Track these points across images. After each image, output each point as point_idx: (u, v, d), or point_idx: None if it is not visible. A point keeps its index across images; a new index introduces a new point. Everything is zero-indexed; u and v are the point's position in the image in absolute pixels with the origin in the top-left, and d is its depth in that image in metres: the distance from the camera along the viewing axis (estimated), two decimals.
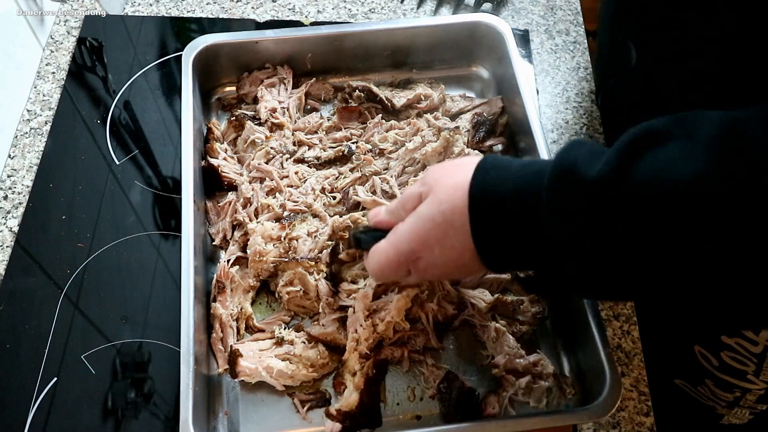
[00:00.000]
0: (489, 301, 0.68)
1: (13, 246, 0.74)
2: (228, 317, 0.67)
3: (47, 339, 0.68)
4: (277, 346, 0.66)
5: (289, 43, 0.82)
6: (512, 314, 0.68)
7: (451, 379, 0.64)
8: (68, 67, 0.88)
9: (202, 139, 0.78)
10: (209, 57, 0.80)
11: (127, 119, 0.84)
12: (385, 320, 0.64)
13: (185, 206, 0.68)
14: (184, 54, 0.78)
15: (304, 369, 0.64)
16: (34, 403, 0.65)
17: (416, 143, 0.75)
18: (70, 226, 0.75)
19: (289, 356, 0.65)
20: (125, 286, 0.72)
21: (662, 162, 0.42)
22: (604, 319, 0.71)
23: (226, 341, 0.66)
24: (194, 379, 0.59)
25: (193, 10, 0.94)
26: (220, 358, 0.66)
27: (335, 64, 0.86)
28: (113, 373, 0.67)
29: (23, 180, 0.79)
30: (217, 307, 0.67)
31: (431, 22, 0.84)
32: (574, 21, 0.96)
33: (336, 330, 0.66)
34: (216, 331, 0.67)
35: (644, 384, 0.68)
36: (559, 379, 0.66)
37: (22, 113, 0.84)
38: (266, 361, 0.64)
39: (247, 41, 0.81)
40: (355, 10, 0.95)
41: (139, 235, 0.75)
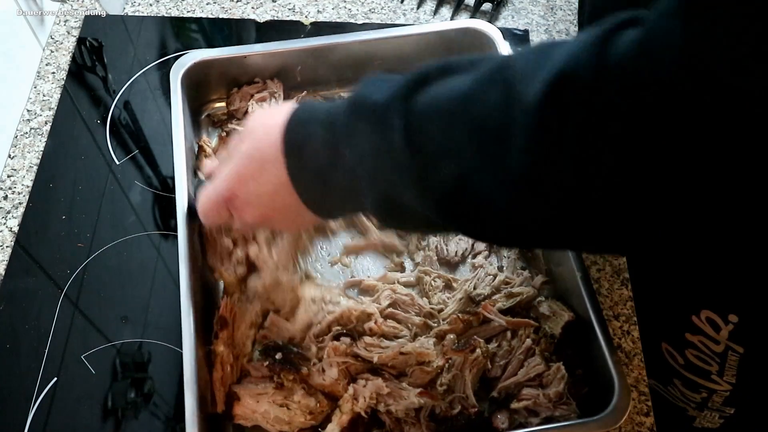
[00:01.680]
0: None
1: (13, 246, 0.74)
2: (229, 356, 0.64)
3: (47, 339, 0.68)
4: (276, 391, 0.63)
5: (277, 57, 0.81)
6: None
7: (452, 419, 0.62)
8: (68, 67, 0.88)
9: (193, 156, 0.77)
10: (198, 74, 0.79)
11: (127, 119, 0.84)
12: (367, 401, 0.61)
13: (180, 231, 0.66)
14: (172, 72, 0.77)
15: (301, 416, 0.62)
16: (34, 403, 0.65)
17: None
18: (70, 226, 0.75)
19: (287, 402, 0.62)
20: (125, 286, 0.72)
21: (440, 88, 0.44)
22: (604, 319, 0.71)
23: (225, 381, 0.63)
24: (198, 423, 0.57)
25: (193, 10, 0.94)
26: (219, 399, 0.63)
27: (325, 76, 0.84)
28: (113, 373, 0.67)
29: (23, 180, 0.79)
30: (219, 345, 0.64)
31: (421, 30, 0.84)
32: (574, 21, 0.96)
33: (336, 381, 0.63)
34: (217, 370, 0.63)
35: (644, 384, 0.68)
36: (570, 383, 0.64)
37: (22, 113, 0.84)
38: (264, 406, 0.62)
39: (235, 56, 0.80)
40: (355, 10, 0.95)
41: (139, 235, 0.75)
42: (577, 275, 0.66)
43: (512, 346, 0.66)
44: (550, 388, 0.63)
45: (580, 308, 0.66)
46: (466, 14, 0.95)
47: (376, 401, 0.61)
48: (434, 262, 0.73)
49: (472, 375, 0.63)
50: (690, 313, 0.70)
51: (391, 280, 0.71)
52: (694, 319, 0.70)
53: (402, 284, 0.71)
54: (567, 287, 0.68)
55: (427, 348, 0.63)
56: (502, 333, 0.66)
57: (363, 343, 0.64)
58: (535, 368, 0.64)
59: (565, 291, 0.69)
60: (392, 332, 0.66)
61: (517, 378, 0.64)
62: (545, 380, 0.63)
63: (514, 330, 0.66)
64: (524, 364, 0.64)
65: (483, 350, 0.63)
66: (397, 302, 0.68)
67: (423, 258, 0.73)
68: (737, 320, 0.67)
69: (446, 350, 0.63)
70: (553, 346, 0.65)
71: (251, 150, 0.53)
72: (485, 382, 0.65)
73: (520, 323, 0.66)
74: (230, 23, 0.93)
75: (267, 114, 0.55)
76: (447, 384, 0.63)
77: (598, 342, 0.62)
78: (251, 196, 0.54)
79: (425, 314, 0.68)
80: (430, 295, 0.70)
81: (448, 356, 0.63)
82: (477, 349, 0.63)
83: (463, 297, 0.69)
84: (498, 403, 0.64)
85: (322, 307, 0.67)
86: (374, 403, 0.61)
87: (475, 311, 0.67)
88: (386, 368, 0.63)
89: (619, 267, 0.75)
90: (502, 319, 0.66)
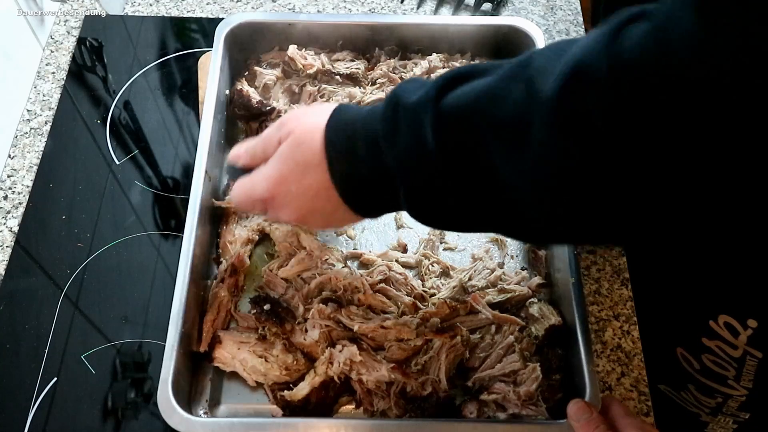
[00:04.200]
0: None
1: (13, 246, 0.74)
2: (228, 302, 0.67)
3: (47, 339, 0.68)
4: (258, 342, 0.65)
5: (324, 27, 0.82)
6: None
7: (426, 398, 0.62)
8: (68, 67, 0.88)
9: (225, 108, 0.79)
10: (244, 33, 0.81)
11: (127, 119, 0.84)
12: (342, 365, 0.62)
13: (197, 175, 0.69)
14: (218, 30, 0.79)
15: (277, 370, 0.64)
16: (34, 403, 0.65)
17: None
18: (70, 226, 0.75)
19: (266, 354, 0.64)
20: (125, 286, 0.72)
21: (466, 88, 0.46)
22: (604, 320, 0.71)
23: (216, 324, 0.66)
24: (179, 345, 0.60)
25: (193, 10, 0.94)
26: (205, 339, 0.66)
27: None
28: (113, 373, 0.67)
29: (23, 180, 0.79)
30: (222, 289, 0.67)
31: (467, 21, 0.84)
32: (574, 21, 0.96)
33: (316, 342, 0.65)
34: (212, 313, 0.66)
35: (644, 384, 0.68)
36: (545, 386, 0.64)
37: (22, 113, 0.84)
38: (244, 354, 0.64)
39: (281, 21, 0.82)
40: (355, 10, 0.95)
41: (139, 235, 0.75)
42: (570, 280, 0.66)
43: (494, 341, 0.66)
44: (522, 386, 0.63)
45: (569, 314, 0.65)
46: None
47: (349, 368, 0.62)
48: (437, 247, 0.74)
49: (449, 360, 0.64)
50: (708, 318, 0.70)
51: (391, 258, 0.72)
52: (712, 324, 0.69)
53: (401, 264, 0.72)
54: (561, 293, 0.68)
55: (409, 326, 0.64)
56: (487, 326, 0.67)
57: (348, 311, 0.66)
58: (511, 365, 0.64)
59: (559, 297, 0.69)
60: (380, 306, 0.67)
61: (492, 371, 0.64)
62: (519, 378, 0.64)
63: (499, 325, 0.67)
64: (502, 360, 0.65)
65: (464, 338, 0.64)
66: (390, 279, 0.69)
67: (426, 242, 0.74)
68: (756, 325, 0.67)
69: (427, 331, 0.64)
70: (534, 347, 0.66)
71: (295, 153, 0.55)
72: (463, 371, 0.66)
73: (506, 319, 0.67)
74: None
75: (306, 113, 0.56)
76: (422, 365, 0.64)
77: (579, 350, 0.62)
78: (290, 198, 0.55)
79: (416, 296, 0.69)
80: (426, 278, 0.71)
81: (429, 337, 0.64)
82: (458, 336, 0.64)
83: (456, 285, 0.69)
84: (470, 393, 0.65)
85: (318, 263, 0.69)
86: (347, 369, 0.62)
87: (464, 300, 0.68)
88: (365, 339, 0.65)
89: (619, 267, 0.75)
90: (489, 312, 0.67)
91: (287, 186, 0.55)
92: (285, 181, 0.55)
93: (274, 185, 0.56)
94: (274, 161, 0.56)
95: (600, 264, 0.75)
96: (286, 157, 0.55)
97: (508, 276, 0.71)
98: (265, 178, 0.57)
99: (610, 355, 0.69)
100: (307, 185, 0.54)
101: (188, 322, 0.63)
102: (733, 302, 0.68)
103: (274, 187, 0.56)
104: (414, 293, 0.69)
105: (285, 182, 0.55)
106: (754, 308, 0.66)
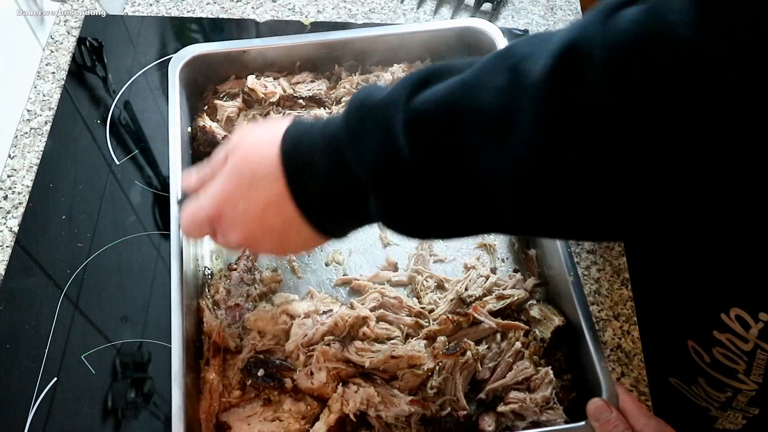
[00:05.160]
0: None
1: (13, 246, 0.74)
2: (219, 384, 0.63)
3: (47, 339, 0.68)
4: (265, 408, 0.62)
5: (277, 51, 0.81)
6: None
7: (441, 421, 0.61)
8: (68, 67, 0.88)
9: (189, 146, 0.77)
10: (197, 67, 0.80)
11: (127, 119, 0.84)
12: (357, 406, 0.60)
13: (174, 210, 0.67)
14: (171, 64, 0.77)
15: (295, 423, 0.61)
16: (34, 403, 0.65)
17: None
18: (70, 226, 0.75)
19: (278, 414, 0.62)
20: (125, 286, 0.72)
21: (439, 84, 0.44)
22: (604, 320, 0.71)
23: (213, 411, 0.62)
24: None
25: (193, 10, 0.94)
26: (206, 429, 0.61)
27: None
28: (113, 373, 0.67)
29: (23, 180, 0.79)
30: (210, 372, 0.63)
31: (421, 28, 0.83)
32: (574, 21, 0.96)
33: (324, 384, 0.62)
34: (205, 398, 0.62)
35: (644, 384, 0.68)
36: (558, 388, 0.64)
37: (22, 113, 0.84)
38: (256, 426, 0.61)
39: (234, 51, 0.80)
40: (355, 10, 0.95)
41: (139, 235, 0.75)
42: (568, 279, 0.66)
43: (501, 349, 0.65)
44: (537, 392, 0.62)
45: (572, 312, 0.65)
46: (466, 14, 0.95)
47: (366, 406, 0.61)
48: (427, 261, 0.73)
49: (463, 378, 0.63)
50: (719, 311, 0.69)
51: (382, 279, 0.71)
52: (723, 317, 0.69)
53: (394, 284, 0.71)
54: (559, 291, 0.68)
55: (419, 351, 0.63)
56: (491, 335, 0.66)
57: (354, 348, 0.63)
58: (523, 372, 0.63)
59: (557, 295, 0.69)
60: (384, 334, 0.66)
61: (505, 381, 0.63)
62: (533, 384, 0.63)
63: (503, 332, 0.66)
64: (513, 367, 0.64)
65: (473, 353, 0.63)
66: (384, 305, 0.68)
67: (416, 257, 0.73)
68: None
69: (437, 353, 0.63)
70: (542, 350, 0.65)
71: (240, 166, 0.52)
72: (473, 384, 0.65)
73: (509, 326, 0.66)
74: (230, 23, 0.93)
75: (256, 129, 0.54)
76: (437, 387, 0.62)
77: (588, 347, 0.62)
78: (238, 215, 0.52)
79: (416, 314, 0.68)
80: (422, 295, 0.70)
81: (439, 360, 0.63)
82: (467, 351, 0.63)
83: (454, 298, 0.68)
84: (485, 405, 0.64)
85: (316, 319, 0.65)
86: (364, 407, 0.61)
87: (466, 312, 0.67)
88: (377, 372, 0.63)
89: (619, 267, 0.75)
90: (492, 321, 0.66)
91: (234, 202, 0.52)
92: (231, 197, 0.52)
93: (219, 202, 0.53)
94: (220, 178, 0.53)
95: (600, 264, 0.75)
96: (232, 172, 0.52)
97: (503, 281, 0.71)
98: (209, 196, 0.53)
99: (610, 355, 0.69)
100: (255, 200, 0.51)
101: (189, 414, 0.59)
102: (746, 295, 0.67)
103: (220, 204, 0.53)
104: (413, 312, 0.68)
105: (231, 198, 0.52)
106: (766, 302, 0.66)
